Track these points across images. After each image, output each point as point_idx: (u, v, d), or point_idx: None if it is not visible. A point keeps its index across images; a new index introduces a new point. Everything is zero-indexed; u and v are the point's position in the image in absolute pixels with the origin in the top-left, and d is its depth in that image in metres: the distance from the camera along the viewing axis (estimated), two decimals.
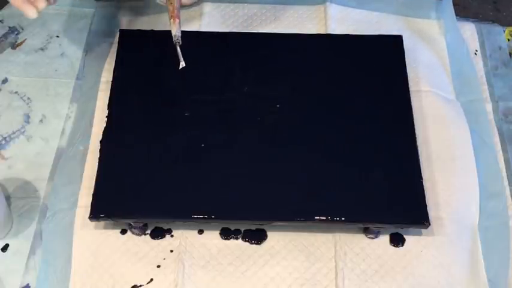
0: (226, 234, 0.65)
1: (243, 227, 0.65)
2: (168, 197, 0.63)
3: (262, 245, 0.65)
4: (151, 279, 0.62)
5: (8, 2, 0.83)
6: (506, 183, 0.70)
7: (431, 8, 0.83)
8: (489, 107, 0.76)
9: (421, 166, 0.66)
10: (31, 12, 0.60)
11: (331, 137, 0.68)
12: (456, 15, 0.81)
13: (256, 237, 0.65)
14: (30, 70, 0.77)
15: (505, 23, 0.85)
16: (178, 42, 0.65)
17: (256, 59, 0.74)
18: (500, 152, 0.72)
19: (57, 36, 0.81)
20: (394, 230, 0.65)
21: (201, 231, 0.65)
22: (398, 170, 0.65)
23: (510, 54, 0.81)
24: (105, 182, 0.64)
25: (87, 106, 0.73)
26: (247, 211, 0.63)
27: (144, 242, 0.65)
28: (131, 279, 0.62)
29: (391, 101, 0.70)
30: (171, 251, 0.64)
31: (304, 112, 0.69)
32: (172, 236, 0.65)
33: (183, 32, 0.79)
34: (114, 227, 0.65)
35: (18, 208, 0.67)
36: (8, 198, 0.67)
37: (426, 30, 0.81)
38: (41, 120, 0.73)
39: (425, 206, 0.63)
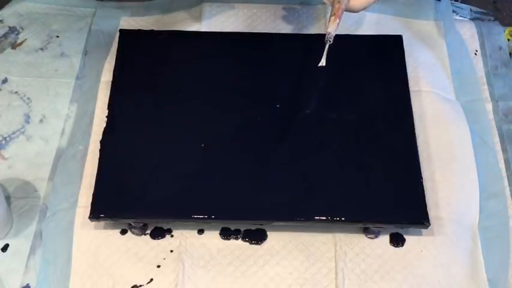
0: (226, 234, 0.65)
1: (243, 227, 0.65)
2: (168, 197, 0.63)
3: (262, 245, 0.65)
4: (151, 279, 0.62)
5: (8, 2, 0.83)
6: (506, 183, 0.70)
7: (430, 9, 0.83)
8: (489, 107, 0.76)
9: (421, 166, 0.66)
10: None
11: (331, 137, 0.68)
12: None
13: (256, 237, 0.65)
14: (30, 70, 0.77)
15: (505, 23, 0.85)
16: (329, 41, 0.63)
17: (256, 59, 0.74)
18: (500, 152, 0.72)
19: (57, 36, 0.80)
20: (394, 230, 0.65)
21: (201, 231, 0.65)
22: (398, 170, 0.65)
23: (510, 54, 0.81)
24: (105, 182, 0.64)
25: (87, 106, 0.73)
26: (247, 211, 0.63)
27: (144, 242, 0.65)
28: (131, 279, 0.62)
29: (391, 101, 0.70)
30: (171, 251, 0.64)
31: (304, 112, 0.69)
32: (172, 236, 0.65)
33: (183, 32, 0.79)
34: (114, 227, 0.65)
35: (18, 208, 0.67)
36: (8, 198, 0.67)
37: (426, 31, 0.81)
38: (41, 120, 0.73)
39: (425, 206, 0.63)
